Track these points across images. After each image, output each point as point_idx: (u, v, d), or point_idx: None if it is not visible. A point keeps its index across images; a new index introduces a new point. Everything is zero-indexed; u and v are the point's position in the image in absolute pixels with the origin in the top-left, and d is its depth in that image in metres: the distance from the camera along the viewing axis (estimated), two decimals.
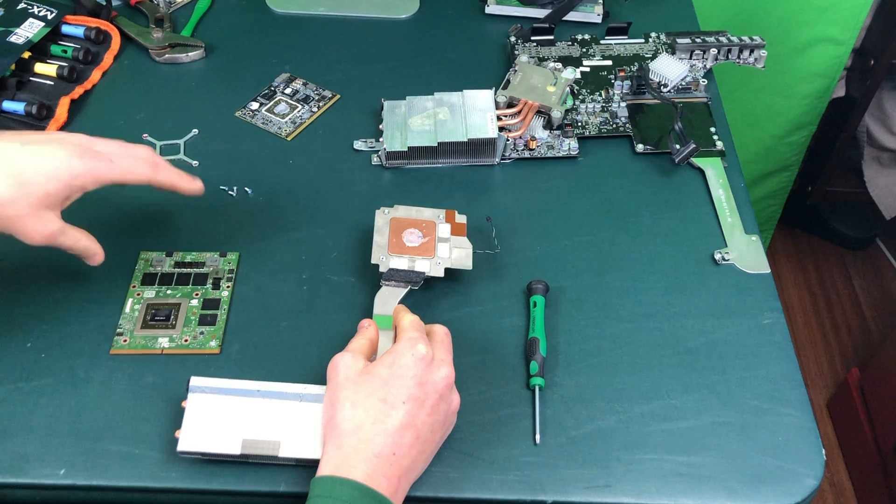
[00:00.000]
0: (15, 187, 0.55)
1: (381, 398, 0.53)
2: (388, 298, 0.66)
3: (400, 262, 0.66)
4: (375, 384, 0.53)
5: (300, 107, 0.81)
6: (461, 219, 0.70)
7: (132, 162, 0.62)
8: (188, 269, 0.69)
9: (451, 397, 0.56)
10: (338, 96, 0.84)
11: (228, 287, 0.68)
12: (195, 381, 0.58)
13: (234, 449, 0.55)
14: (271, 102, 0.83)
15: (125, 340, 0.64)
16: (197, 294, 0.67)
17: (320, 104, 0.84)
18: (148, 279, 0.68)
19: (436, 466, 0.58)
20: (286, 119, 0.83)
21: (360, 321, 0.61)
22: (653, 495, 0.57)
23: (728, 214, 0.75)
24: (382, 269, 0.66)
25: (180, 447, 0.55)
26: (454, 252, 0.67)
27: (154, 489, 0.57)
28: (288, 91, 0.85)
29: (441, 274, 0.66)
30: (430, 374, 0.54)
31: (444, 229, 0.69)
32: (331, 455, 0.52)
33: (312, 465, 0.55)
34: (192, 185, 0.66)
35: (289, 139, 0.81)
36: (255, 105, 0.83)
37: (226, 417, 0.56)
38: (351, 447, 0.51)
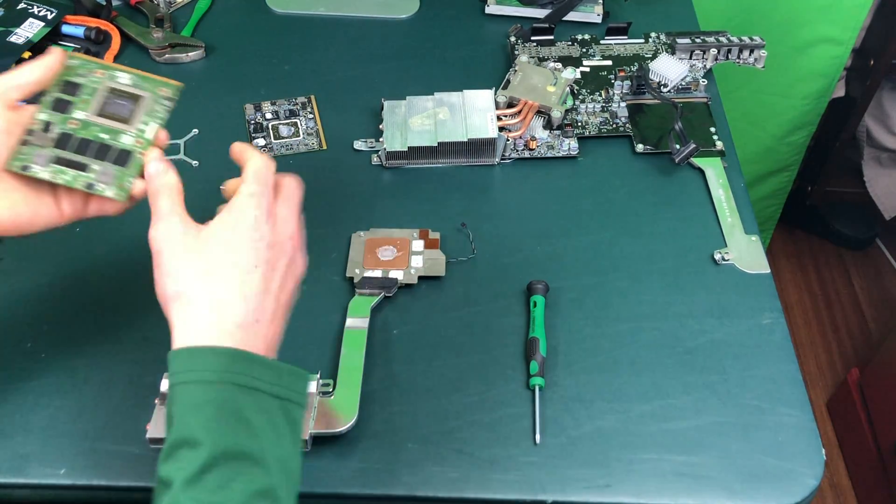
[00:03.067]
0: None
1: (233, 263, 0.48)
2: (362, 306, 0.66)
3: (374, 273, 0.68)
4: (221, 249, 0.49)
5: (298, 120, 0.79)
6: (434, 235, 0.72)
7: None
8: None
9: (297, 258, 0.52)
10: (312, 96, 0.83)
11: None
12: (167, 377, 0.58)
13: None
14: (271, 135, 0.80)
15: None
16: None
17: (308, 108, 0.83)
18: None
19: (436, 466, 0.58)
20: (302, 136, 0.82)
21: (149, 167, 0.53)
22: (653, 495, 0.57)
23: (728, 214, 0.75)
24: (356, 280, 0.67)
25: (149, 435, 0.56)
26: (427, 262, 0.69)
27: (154, 488, 0.57)
28: (269, 117, 0.83)
29: (414, 281, 0.68)
30: (278, 234, 0.51)
31: (417, 244, 0.71)
32: (182, 329, 0.47)
33: None
34: None
35: (326, 147, 0.81)
36: (262, 142, 0.80)
37: None
38: (207, 320, 0.47)
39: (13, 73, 0.53)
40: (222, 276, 0.48)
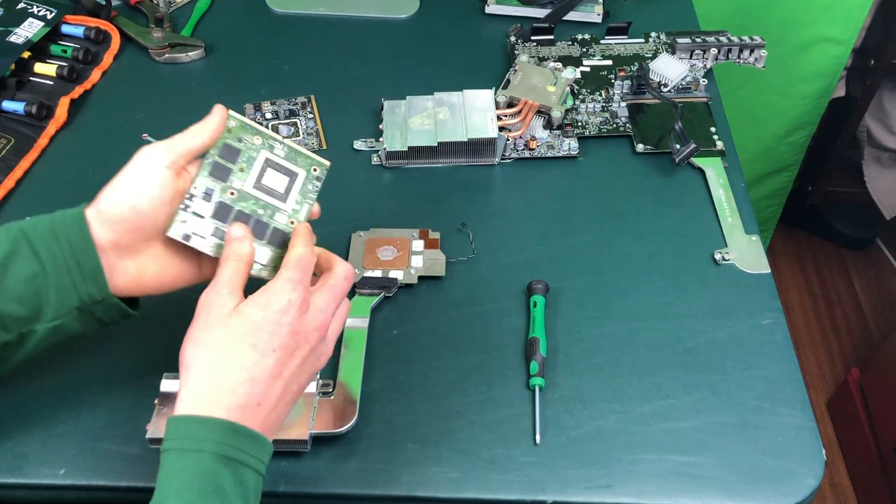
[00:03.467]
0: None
1: (251, 344, 0.48)
2: (362, 306, 0.66)
3: (374, 273, 0.68)
4: (246, 328, 0.48)
5: (298, 120, 0.76)
6: (434, 235, 0.72)
7: None
8: None
9: (321, 349, 0.52)
10: (312, 95, 0.81)
11: None
12: (167, 378, 0.59)
13: None
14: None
15: None
16: None
17: (308, 107, 0.82)
18: None
19: (436, 466, 0.58)
20: (302, 135, 0.81)
21: (232, 229, 0.53)
22: (653, 495, 0.57)
23: (728, 214, 0.75)
24: (356, 280, 0.67)
25: (149, 435, 0.56)
26: (427, 262, 0.69)
27: (154, 489, 0.57)
28: (269, 116, 0.82)
29: (414, 281, 0.68)
30: (304, 324, 0.50)
31: (417, 244, 0.71)
32: (182, 396, 0.48)
33: (281, 449, 0.57)
34: None
35: (326, 147, 0.80)
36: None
37: None
38: (208, 394, 0.47)
39: (182, 137, 0.53)
40: (236, 354, 0.48)
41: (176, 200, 0.53)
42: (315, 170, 0.57)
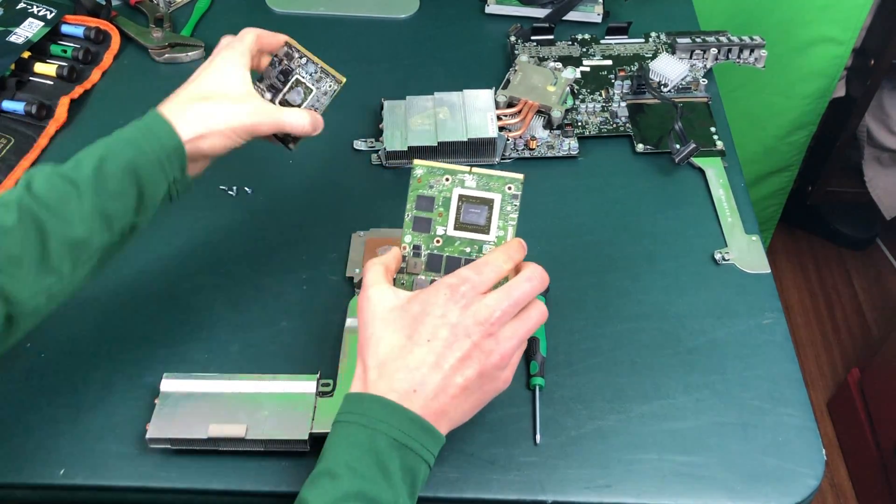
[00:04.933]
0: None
1: (408, 335, 0.50)
2: None
3: None
4: (405, 321, 0.51)
5: (314, 89, 0.68)
6: None
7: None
8: None
9: (489, 346, 0.50)
10: (286, 36, 0.68)
11: None
12: (167, 378, 0.60)
13: (202, 434, 0.56)
14: (287, 86, 0.67)
15: None
16: None
17: (295, 54, 0.68)
18: None
19: (436, 466, 0.58)
20: (315, 89, 0.69)
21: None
22: (653, 495, 0.57)
23: (728, 214, 0.75)
24: (356, 280, 0.67)
25: (149, 435, 0.56)
26: None
27: (154, 489, 0.57)
28: (268, 97, 0.68)
29: None
30: (465, 318, 0.50)
31: None
32: (357, 377, 0.52)
33: (281, 449, 0.57)
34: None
35: (344, 80, 0.71)
36: (268, 95, 0.68)
37: (195, 409, 0.58)
38: (372, 381, 0.50)
39: (250, 38, 0.65)
40: (393, 345, 0.50)
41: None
42: (510, 188, 0.56)
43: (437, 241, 0.56)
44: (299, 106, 0.66)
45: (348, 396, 0.51)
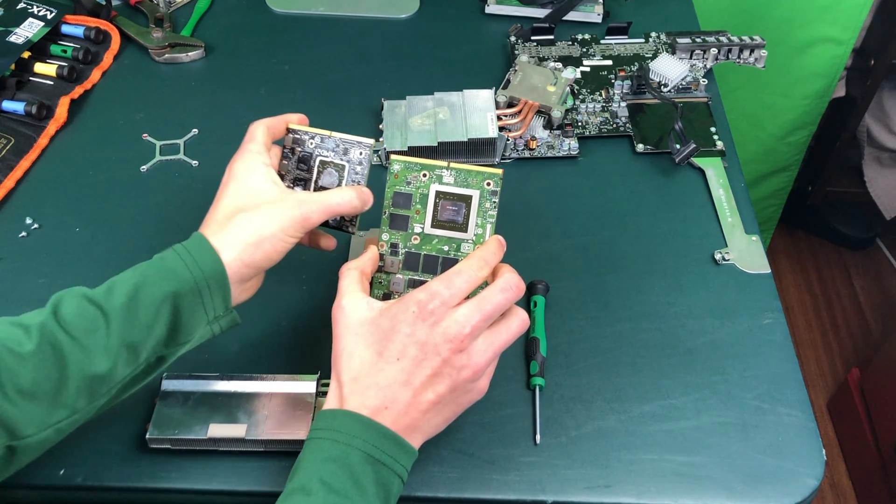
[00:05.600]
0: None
1: (378, 351, 0.50)
2: None
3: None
4: (376, 336, 0.51)
5: (345, 164, 0.61)
6: None
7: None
8: None
9: (459, 361, 0.50)
10: (372, 140, 0.63)
11: None
12: (167, 378, 0.60)
13: (202, 434, 0.56)
14: (314, 172, 0.61)
15: None
16: None
17: (362, 151, 0.62)
18: None
19: (436, 466, 0.58)
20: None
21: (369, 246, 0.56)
22: (653, 495, 0.57)
23: (728, 214, 0.75)
24: None
25: (149, 435, 0.57)
26: None
27: (154, 489, 0.57)
28: (317, 149, 0.61)
29: None
30: (433, 335, 0.50)
31: None
32: (330, 394, 0.52)
33: (281, 449, 0.57)
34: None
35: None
36: (299, 189, 0.62)
37: (195, 409, 0.58)
38: (345, 396, 0.50)
39: (266, 139, 0.59)
40: (364, 361, 0.51)
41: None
42: (488, 184, 0.55)
43: (415, 239, 0.55)
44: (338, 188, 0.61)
45: (322, 413, 0.50)
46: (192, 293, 0.52)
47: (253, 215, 0.54)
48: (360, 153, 0.60)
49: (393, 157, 0.56)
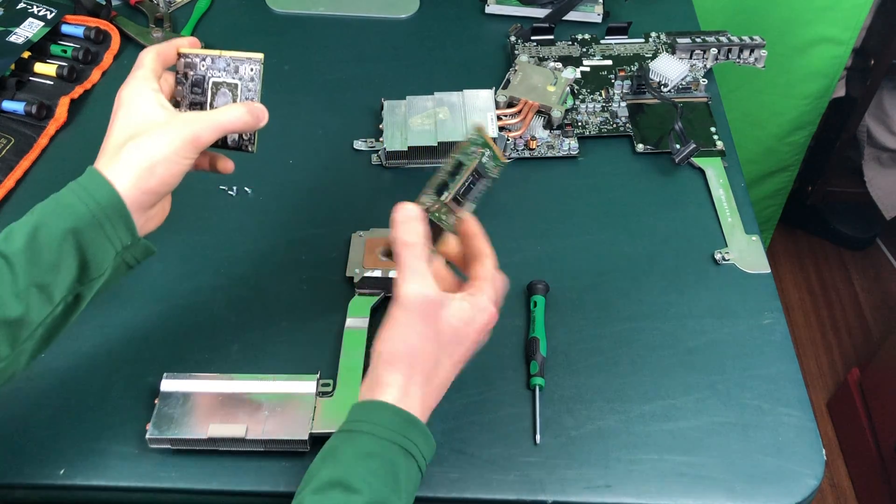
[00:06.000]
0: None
1: (450, 354, 0.52)
2: (362, 306, 0.66)
3: (374, 273, 0.67)
4: (446, 338, 0.51)
5: (238, 82, 0.60)
6: None
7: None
8: None
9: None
10: (261, 55, 0.62)
11: None
12: (167, 378, 0.60)
13: (202, 434, 0.56)
14: (209, 94, 0.61)
15: None
16: None
17: (253, 67, 0.61)
18: None
19: (436, 466, 0.58)
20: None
21: (400, 212, 0.53)
22: (653, 495, 0.57)
23: (728, 214, 0.75)
24: (356, 280, 0.67)
25: (149, 435, 0.56)
26: None
27: (154, 489, 0.57)
28: (209, 71, 0.61)
29: None
30: (485, 334, 0.53)
31: None
32: (391, 390, 0.50)
33: (281, 449, 0.57)
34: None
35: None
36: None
37: (195, 409, 0.58)
38: (414, 396, 0.51)
39: (150, 61, 0.57)
40: (439, 362, 0.51)
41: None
42: (495, 170, 0.58)
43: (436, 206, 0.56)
44: None
45: (362, 403, 0.50)
46: (92, 227, 0.51)
47: (142, 141, 0.53)
48: (252, 69, 0.60)
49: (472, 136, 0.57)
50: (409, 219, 0.53)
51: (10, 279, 0.49)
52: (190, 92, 0.60)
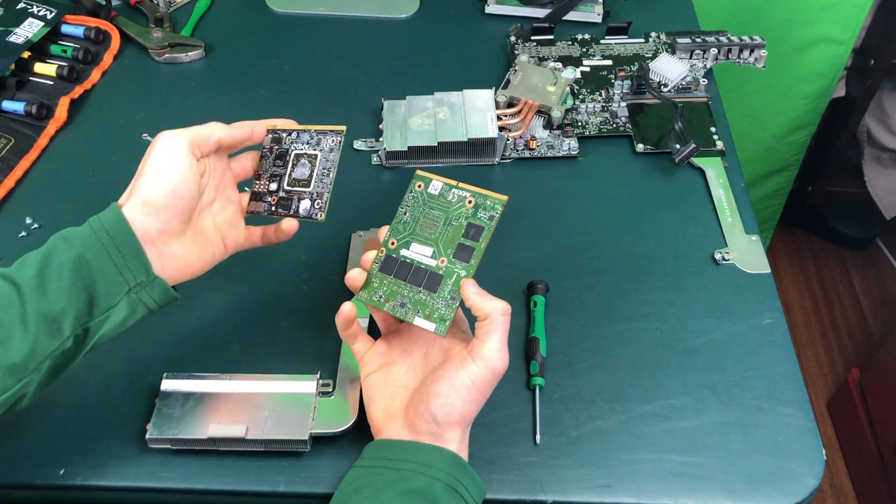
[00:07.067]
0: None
1: (483, 400, 0.54)
2: (362, 306, 0.66)
3: None
4: (488, 384, 0.53)
5: (318, 152, 0.62)
6: None
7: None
8: None
9: None
10: (344, 127, 0.64)
11: None
12: (167, 378, 0.60)
13: (202, 434, 0.56)
14: (289, 166, 0.63)
15: None
16: None
17: (334, 138, 0.63)
18: None
19: None
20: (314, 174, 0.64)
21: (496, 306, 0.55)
22: (653, 495, 0.57)
23: (728, 214, 0.75)
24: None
25: (149, 435, 0.57)
26: None
27: (154, 489, 0.57)
28: (293, 145, 0.63)
29: None
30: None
31: None
32: (453, 439, 0.53)
33: (281, 449, 0.57)
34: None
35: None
36: (274, 186, 0.63)
37: (195, 409, 0.58)
38: (459, 440, 0.53)
39: (197, 128, 0.57)
40: (479, 402, 0.54)
41: (201, 181, 0.56)
42: (494, 212, 0.58)
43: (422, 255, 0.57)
44: (310, 177, 0.62)
45: (404, 445, 0.52)
46: (100, 254, 0.51)
47: (144, 168, 0.55)
48: (333, 140, 0.62)
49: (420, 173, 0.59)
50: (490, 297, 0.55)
51: (20, 308, 0.49)
52: (272, 164, 0.63)
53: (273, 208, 0.62)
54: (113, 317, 0.52)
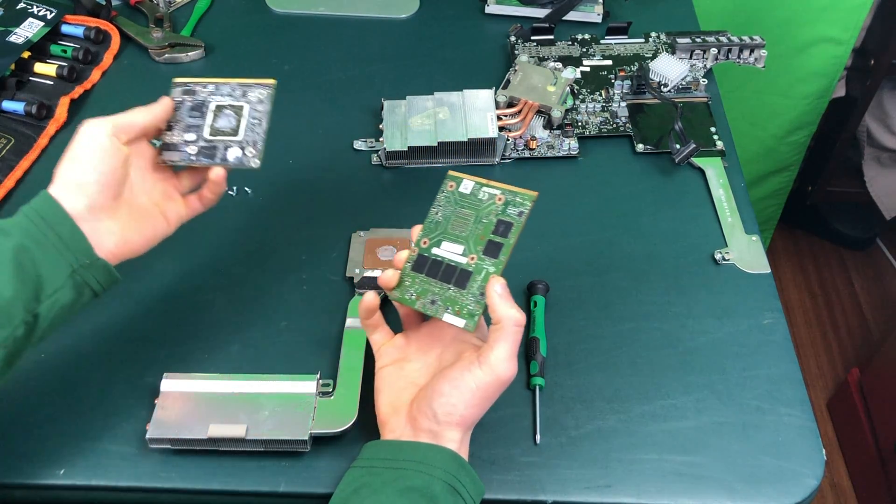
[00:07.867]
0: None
1: (490, 397, 0.54)
2: None
3: (374, 273, 0.67)
4: (492, 391, 0.53)
5: (245, 104, 0.61)
6: None
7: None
8: None
9: None
10: (274, 81, 0.64)
11: None
12: (167, 377, 0.60)
13: (202, 434, 0.56)
14: (209, 116, 0.61)
15: None
16: None
17: (264, 91, 0.62)
18: None
19: None
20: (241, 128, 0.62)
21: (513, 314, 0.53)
22: (653, 495, 0.57)
23: (728, 214, 0.75)
24: (356, 280, 0.67)
25: (149, 435, 0.56)
26: None
27: (154, 489, 0.57)
28: (210, 96, 0.62)
29: None
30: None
31: None
32: (450, 435, 0.53)
33: (281, 449, 0.57)
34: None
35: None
36: (191, 136, 0.61)
37: (195, 409, 0.58)
38: (460, 441, 0.53)
39: (122, 114, 0.58)
40: (484, 406, 0.54)
41: (126, 161, 0.56)
42: (524, 209, 0.59)
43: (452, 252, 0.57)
44: (236, 130, 0.60)
45: (402, 444, 0.53)
46: (38, 239, 0.52)
47: (66, 153, 0.55)
48: (261, 93, 0.61)
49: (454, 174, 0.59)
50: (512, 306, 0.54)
51: None
52: (187, 115, 0.61)
53: (194, 157, 0.60)
54: (61, 300, 0.52)
